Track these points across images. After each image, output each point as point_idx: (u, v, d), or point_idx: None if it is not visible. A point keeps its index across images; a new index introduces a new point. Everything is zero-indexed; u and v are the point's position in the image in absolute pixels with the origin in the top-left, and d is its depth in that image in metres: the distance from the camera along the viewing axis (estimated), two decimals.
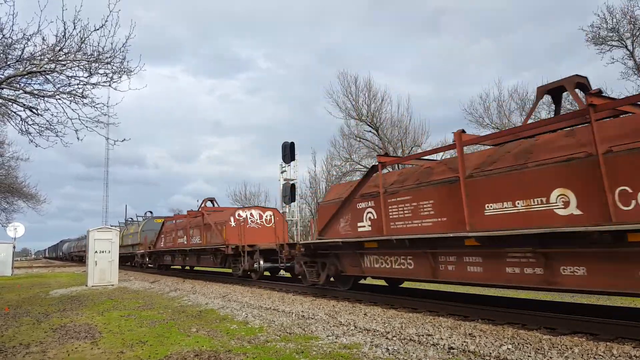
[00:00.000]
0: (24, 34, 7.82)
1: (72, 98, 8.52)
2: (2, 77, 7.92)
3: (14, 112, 8.89)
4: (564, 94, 6.96)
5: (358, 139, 28.97)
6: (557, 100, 7.02)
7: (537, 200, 5.86)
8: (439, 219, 7.27)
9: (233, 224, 15.34)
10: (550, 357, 4.51)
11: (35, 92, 8.51)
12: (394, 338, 5.71)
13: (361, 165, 28.08)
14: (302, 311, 7.99)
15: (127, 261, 29.64)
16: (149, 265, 24.50)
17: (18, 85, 8.33)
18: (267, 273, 15.28)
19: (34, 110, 8.70)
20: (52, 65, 8.08)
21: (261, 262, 14.10)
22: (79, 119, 8.69)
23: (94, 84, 8.56)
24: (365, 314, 7.48)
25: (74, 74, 8.45)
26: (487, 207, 6.47)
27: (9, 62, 7.99)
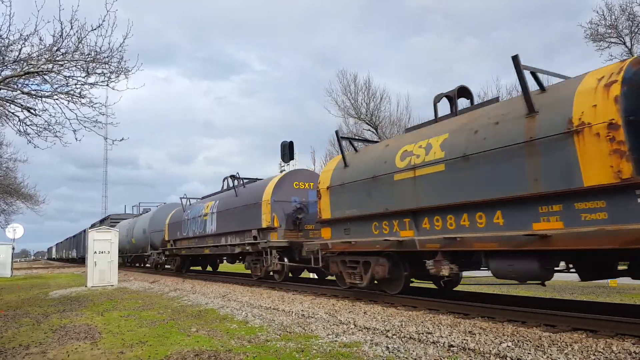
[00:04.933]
0: (21, 34, 7.79)
1: (70, 98, 8.50)
2: (0, 77, 7.89)
3: (12, 113, 8.86)
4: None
5: (357, 137, 28.94)
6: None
7: None
8: None
9: None
10: (550, 354, 4.51)
11: (33, 92, 8.48)
12: (394, 336, 5.71)
13: None
14: (302, 310, 7.99)
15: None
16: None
17: (16, 86, 8.30)
18: None
19: (32, 111, 8.67)
20: (50, 66, 8.05)
21: None
22: (77, 119, 8.68)
23: (91, 84, 8.53)
24: (365, 313, 7.48)
25: (72, 74, 8.42)
26: None
27: (6, 63, 7.96)
